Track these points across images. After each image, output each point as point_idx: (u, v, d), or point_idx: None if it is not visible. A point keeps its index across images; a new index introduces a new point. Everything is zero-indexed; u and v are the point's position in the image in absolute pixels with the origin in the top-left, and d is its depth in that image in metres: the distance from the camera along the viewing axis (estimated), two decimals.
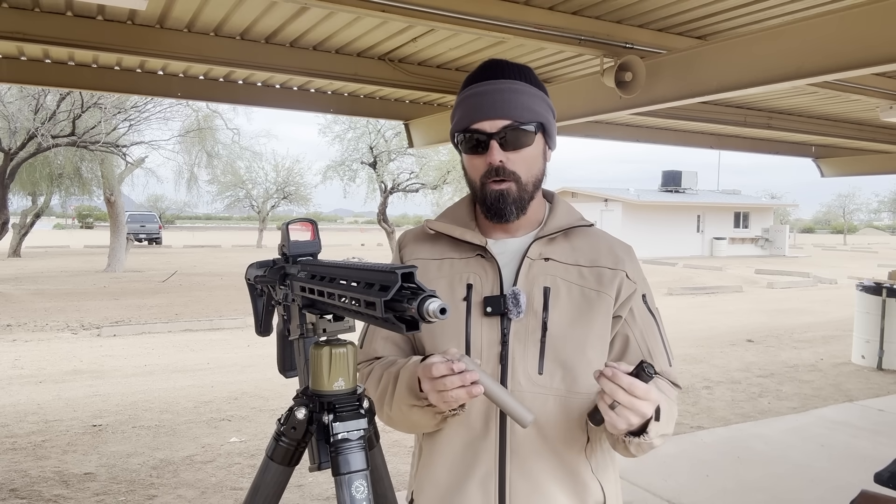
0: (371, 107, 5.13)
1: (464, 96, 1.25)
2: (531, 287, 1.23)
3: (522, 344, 1.21)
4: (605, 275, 1.26)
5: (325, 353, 1.06)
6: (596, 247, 1.30)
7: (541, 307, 1.22)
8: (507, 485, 1.20)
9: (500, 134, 1.19)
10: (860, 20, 2.55)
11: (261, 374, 6.97)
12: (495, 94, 1.21)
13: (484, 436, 1.21)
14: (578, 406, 1.21)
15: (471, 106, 1.22)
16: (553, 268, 1.25)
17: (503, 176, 1.21)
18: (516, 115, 1.20)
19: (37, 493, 3.87)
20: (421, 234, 1.36)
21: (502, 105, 1.20)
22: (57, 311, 11.44)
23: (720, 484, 4.06)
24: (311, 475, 4.02)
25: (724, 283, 17.85)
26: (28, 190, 20.72)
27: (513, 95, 1.21)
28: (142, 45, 3.41)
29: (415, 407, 1.15)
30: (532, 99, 1.23)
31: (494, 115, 1.20)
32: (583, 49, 3.35)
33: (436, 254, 1.30)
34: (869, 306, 7.56)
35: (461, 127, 1.24)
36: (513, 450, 1.20)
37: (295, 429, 1.09)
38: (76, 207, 50.31)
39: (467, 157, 1.26)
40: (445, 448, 1.24)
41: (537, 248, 1.26)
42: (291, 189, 35.23)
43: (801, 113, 5.76)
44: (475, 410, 1.21)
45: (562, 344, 1.21)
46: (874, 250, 40.57)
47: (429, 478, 1.26)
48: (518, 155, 1.21)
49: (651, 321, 1.29)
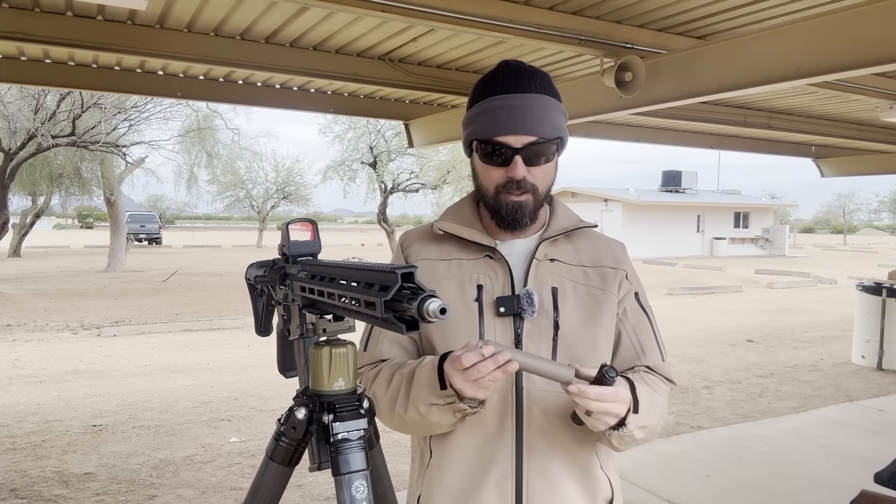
0: (371, 107, 5.13)
1: (488, 106, 1.23)
2: (540, 287, 1.25)
3: (536, 343, 1.22)
4: (608, 274, 1.30)
5: (325, 353, 1.06)
6: (596, 247, 1.33)
7: (551, 307, 1.24)
8: (524, 485, 1.21)
9: (526, 150, 1.20)
10: (860, 20, 2.55)
11: (261, 374, 6.97)
12: (524, 109, 1.20)
13: (499, 436, 1.21)
14: None
15: (496, 119, 1.21)
16: (559, 268, 1.28)
17: (523, 189, 1.22)
18: (542, 133, 1.20)
19: (37, 493, 3.87)
20: (426, 235, 1.35)
21: (531, 122, 1.20)
22: (57, 311, 11.44)
23: (720, 484, 4.06)
24: (311, 475, 4.02)
25: (724, 283, 17.85)
26: (28, 190, 20.72)
27: (541, 112, 1.21)
28: (142, 45, 3.41)
29: (434, 406, 1.14)
30: (555, 114, 1.23)
31: (522, 131, 1.20)
32: (583, 49, 3.35)
33: (443, 254, 1.31)
34: (869, 306, 7.56)
35: (484, 137, 1.23)
36: (529, 449, 1.21)
37: (295, 429, 1.09)
38: (76, 207, 50.37)
39: (483, 166, 1.25)
40: (458, 450, 1.24)
41: (543, 250, 1.28)
42: (291, 189, 35.24)
43: (801, 113, 5.76)
44: (489, 412, 1.21)
45: (574, 343, 1.23)
46: (874, 250, 40.56)
47: (440, 481, 1.25)
48: (539, 169, 1.23)
49: (643, 318, 1.33)
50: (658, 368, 1.30)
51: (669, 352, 1.36)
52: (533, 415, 1.21)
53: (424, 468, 1.30)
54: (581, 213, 1.37)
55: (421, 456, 1.32)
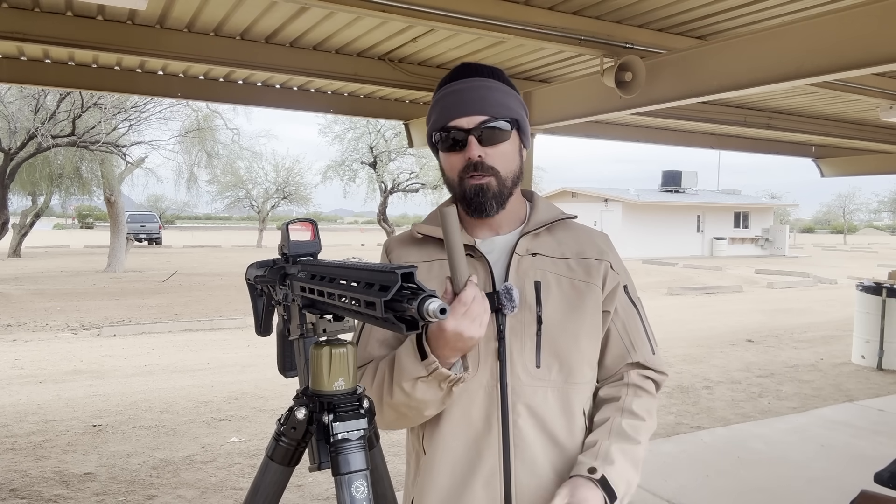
0: (371, 107, 5.13)
1: (439, 96, 1.27)
2: (522, 282, 1.25)
3: (519, 338, 1.23)
4: (592, 265, 1.30)
5: (325, 353, 1.06)
6: (578, 239, 1.33)
7: (534, 301, 1.24)
8: (512, 481, 1.20)
9: (478, 130, 1.22)
10: (860, 20, 2.55)
11: (261, 374, 6.97)
12: (471, 91, 1.23)
13: (486, 433, 1.21)
14: (577, 396, 1.25)
15: (447, 105, 1.24)
16: (541, 262, 1.28)
17: (482, 171, 1.23)
18: (492, 112, 1.22)
19: (37, 493, 3.87)
20: (407, 239, 1.37)
21: (479, 101, 1.22)
22: (57, 311, 11.44)
23: (720, 484, 4.06)
24: (311, 475, 4.02)
25: (724, 283, 17.85)
26: (28, 190, 20.72)
27: (487, 92, 1.23)
28: (142, 45, 3.41)
29: (419, 381, 1.12)
30: (506, 96, 1.25)
31: (471, 111, 1.22)
32: (583, 49, 3.35)
33: (424, 256, 1.32)
34: (869, 306, 7.56)
35: (438, 125, 1.26)
36: (516, 444, 1.21)
37: (295, 429, 1.09)
38: (76, 207, 50.33)
39: (445, 156, 1.27)
40: (447, 450, 1.24)
41: (524, 244, 1.28)
42: (291, 189, 35.24)
43: (801, 113, 5.76)
44: (476, 407, 1.22)
45: (557, 336, 1.24)
46: (874, 250, 40.56)
47: (431, 482, 1.26)
48: (495, 150, 1.23)
49: (633, 311, 1.33)
50: (648, 362, 1.31)
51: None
52: (518, 410, 1.21)
53: (419, 470, 1.30)
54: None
55: (416, 457, 1.32)
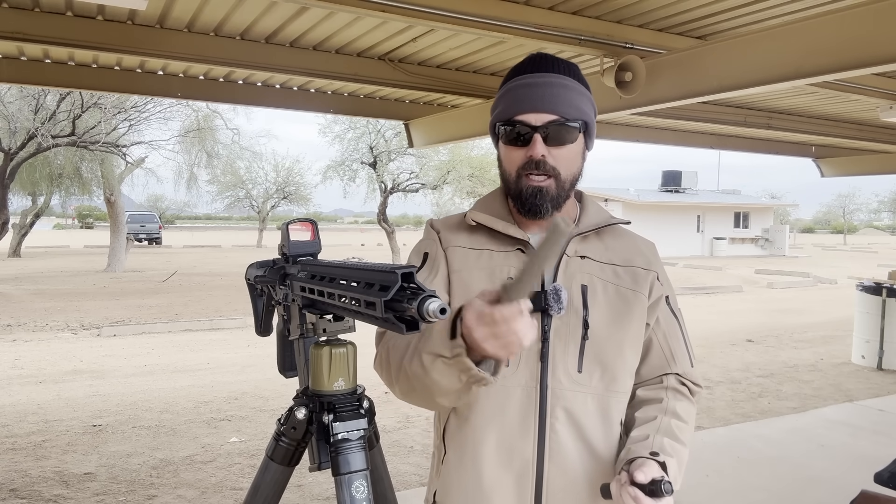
0: (371, 107, 5.12)
1: (510, 87, 1.23)
2: (570, 284, 1.22)
3: (563, 341, 1.20)
4: (639, 275, 1.27)
5: (325, 353, 1.06)
6: (626, 246, 1.30)
7: (581, 305, 1.21)
8: (544, 484, 1.18)
9: (545, 128, 1.18)
10: (860, 20, 2.55)
11: (261, 374, 6.96)
12: (544, 87, 1.19)
13: (522, 433, 1.19)
14: (616, 405, 1.23)
15: (517, 97, 1.20)
16: (589, 266, 1.24)
17: (543, 170, 1.19)
18: (563, 111, 1.18)
19: (37, 493, 3.87)
20: (458, 224, 1.32)
21: (550, 99, 1.18)
22: (57, 311, 11.43)
23: (720, 484, 4.06)
24: (311, 475, 4.02)
25: (724, 283, 17.84)
26: (28, 190, 20.70)
27: (561, 91, 1.19)
28: (142, 45, 3.41)
29: (440, 359, 1.01)
30: (579, 97, 1.21)
31: (541, 108, 1.18)
32: (583, 49, 3.35)
33: (475, 244, 1.28)
34: (869, 306, 7.56)
35: (505, 117, 1.21)
36: (551, 448, 1.18)
37: (295, 429, 1.10)
38: (76, 207, 50.29)
39: (505, 149, 1.23)
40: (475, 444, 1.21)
41: (573, 246, 1.25)
42: (291, 189, 35.22)
43: (801, 113, 5.76)
44: (513, 406, 1.19)
45: (602, 343, 1.21)
46: (874, 250, 40.55)
47: (457, 478, 1.23)
48: (560, 151, 1.20)
49: (674, 323, 1.30)
50: (687, 375, 1.29)
51: None
52: (556, 413, 1.18)
53: (440, 465, 1.27)
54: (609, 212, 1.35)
55: (437, 452, 1.30)
